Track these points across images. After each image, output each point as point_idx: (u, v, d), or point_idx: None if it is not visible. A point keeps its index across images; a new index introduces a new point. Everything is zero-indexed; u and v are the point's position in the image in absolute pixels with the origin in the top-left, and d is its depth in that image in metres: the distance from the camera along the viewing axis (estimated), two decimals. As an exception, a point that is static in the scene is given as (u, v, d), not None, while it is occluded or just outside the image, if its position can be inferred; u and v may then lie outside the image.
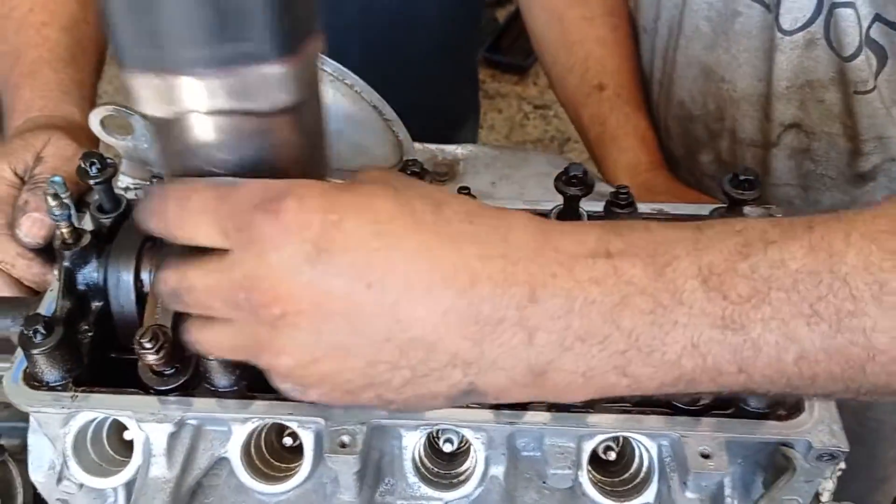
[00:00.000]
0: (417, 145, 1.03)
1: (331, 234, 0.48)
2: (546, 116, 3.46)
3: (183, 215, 0.51)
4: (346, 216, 0.49)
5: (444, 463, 0.74)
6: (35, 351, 0.69)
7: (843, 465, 0.93)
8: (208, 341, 0.55)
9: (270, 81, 0.48)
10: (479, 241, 0.49)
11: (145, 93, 0.49)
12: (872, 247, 0.47)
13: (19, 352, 0.72)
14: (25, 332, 0.68)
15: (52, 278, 0.77)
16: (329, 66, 0.91)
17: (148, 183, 0.84)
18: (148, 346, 0.66)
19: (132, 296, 0.73)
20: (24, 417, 0.85)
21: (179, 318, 0.58)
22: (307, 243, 0.48)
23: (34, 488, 0.95)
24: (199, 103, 0.48)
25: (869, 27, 0.90)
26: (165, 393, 0.70)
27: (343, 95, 0.92)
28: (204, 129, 0.51)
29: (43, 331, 0.68)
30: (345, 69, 0.92)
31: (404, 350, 0.49)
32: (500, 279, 0.48)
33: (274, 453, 0.75)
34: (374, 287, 0.48)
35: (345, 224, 0.49)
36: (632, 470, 0.73)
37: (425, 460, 0.73)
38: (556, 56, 1.25)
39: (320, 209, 0.49)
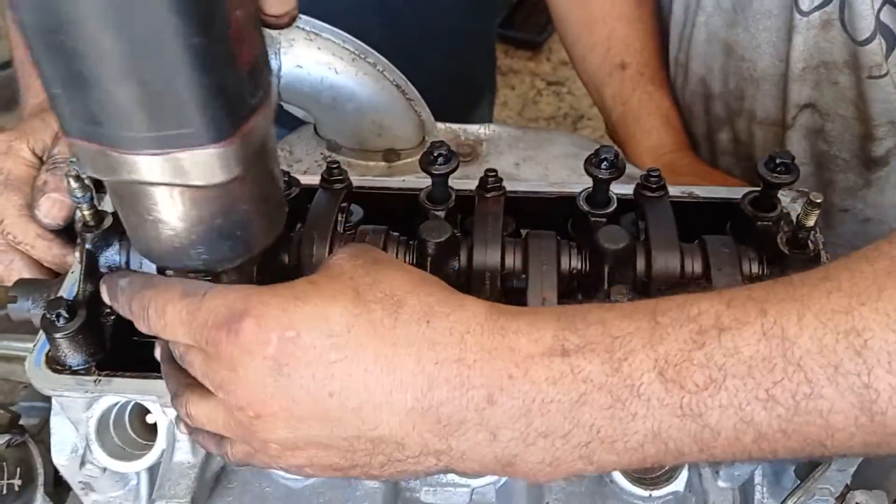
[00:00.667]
0: (440, 125, 1.01)
1: (289, 350, 0.51)
2: (559, 93, 3.43)
3: (162, 324, 0.56)
4: (303, 331, 0.51)
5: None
6: (58, 335, 0.68)
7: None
8: (200, 416, 0.57)
9: (207, 162, 0.50)
10: (435, 344, 0.51)
11: (85, 158, 0.51)
12: (826, 329, 0.48)
13: (41, 335, 0.71)
14: (48, 315, 0.68)
15: (73, 260, 0.76)
16: (351, 45, 0.90)
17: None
18: (172, 330, 0.65)
19: (155, 278, 0.72)
20: (44, 397, 0.84)
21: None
22: (268, 360, 0.51)
23: (55, 469, 0.95)
24: (137, 176, 0.50)
25: (879, 10, 0.89)
26: (189, 377, 0.69)
27: (365, 74, 0.90)
28: (145, 196, 0.54)
29: (66, 314, 0.67)
30: (367, 48, 0.91)
31: (376, 444, 0.53)
32: (456, 383, 0.50)
33: (297, 438, 0.75)
34: (335, 396, 0.51)
35: (302, 339, 0.51)
36: (660, 458, 0.72)
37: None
38: (578, 35, 1.23)
39: (278, 327, 0.52)
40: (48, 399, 0.75)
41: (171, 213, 0.54)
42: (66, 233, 0.83)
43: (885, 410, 0.46)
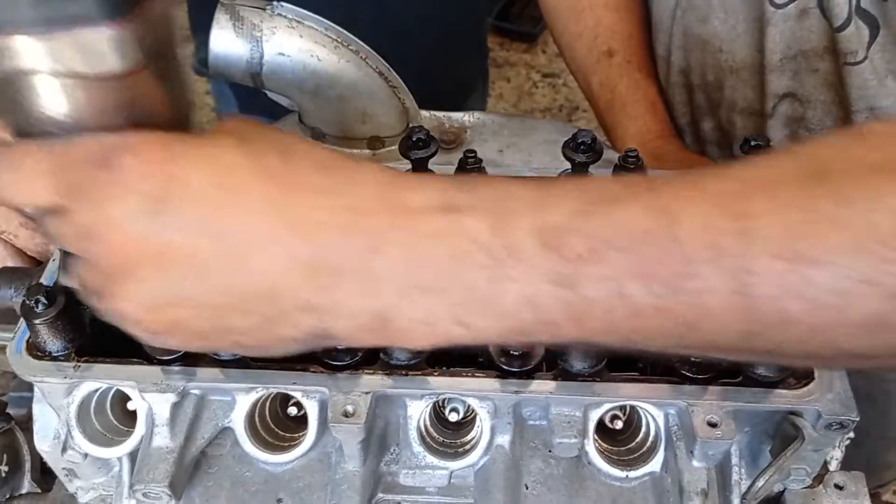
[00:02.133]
0: (424, 113, 1.01)
1: (171, 187, 0.48)
2: (555, 85, 3.43)
3: (18, 179, 0.50)
4: (189, 169, 0.48)
5: (449, 432, 0.74)
6: (37, 321, 0.68)
7: (851, 435, 0.92)
8: (73, 279, 0.54)
9: (100, 45, 0.45)
10: (327, 191, 0.49)
11: None
12: (713, 209, 0.46)
13: (22, 322, 0.72)
14: (27, 301, 0.68)
15: (54, 248, 0.76)
16: (333, 33, 0.90)
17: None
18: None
19: (134, 265, 0.72)
20: (30, 388, 0.85)
21: None
22: (145, 196, 0.48)
23: (41, 457, 0.96)
24: (25, 63, 0.45)
25: None
26: (168, 363, 0.70)
27: (348, 62, 0.90)
28: (36, 90, 0.48)
29: (45, 301, 0.68)
30: (350, 35, 0.91)
31: (253, 298, 0.50)
32: (343, 230, 0.48)
33: (278, 423, 0.75)
34: (221, 239, 0.48)
35: (186, 177, 0.48)
36: (638, 438, 0.73)
37: (431, 430, 0.73)
38: (565, 23, 1.23)
39: (160, 161, 0.48)
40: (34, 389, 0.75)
41: (58, 111, 0.48)
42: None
43: (763, 297, 0.45)
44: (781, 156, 0.50)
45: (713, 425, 0.65)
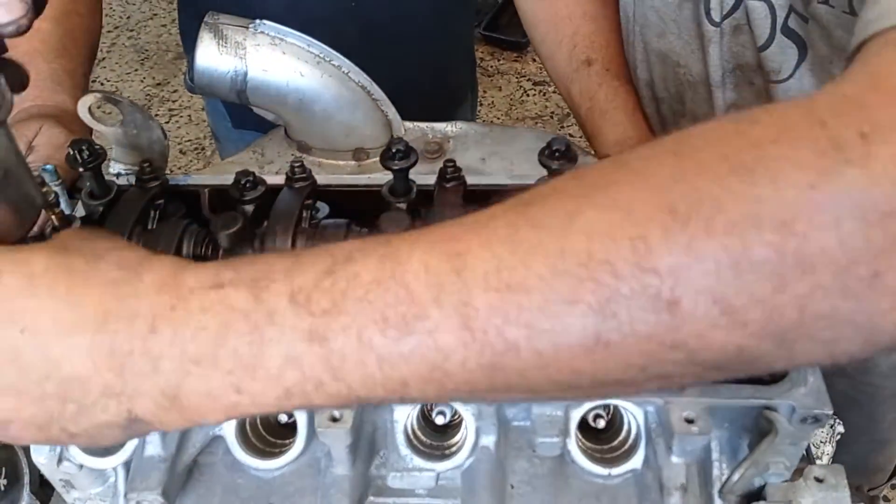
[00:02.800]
0: (408, 124, 1.04)
1: None
2: (545, 92, 3.45)
3: None
4: (3, 270, 0.54)
5: (436, 435, 0.75)
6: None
7: (841, 430, 0.94)
8: None
9: None
10: (119, 284, 0.54)
11: None
12: (434, 251, 0.49)
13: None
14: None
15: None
16: (316, 49, 0.92)
17: (137, 173, 0.85)
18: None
19: (124, 279, 0.74)
20: None
21: None
22: None
23: (39, 470, 0.97)
24: None
25: (787, 17, 0.90)
26: (160, 373, 0.72)
27: (331, 77, 0.92)
28: None
29: None
30: (332, 51, 0.93)
31: (64, 386, 0.54)
32: (128, 316, 0.53)
33: (269, 430, 0.77)
34: (26, 331, 0.53)
35: (1, 278, 0.54)
36: (620, 437, 0.74)
37: (418, 433, 0.75)
38: (545, 33, 1.26)
39: None
40: None
41: None
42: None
43: (486, 329, 0.47)
44: (498, 205, 0.52)
45: (690, 421, 0.67)
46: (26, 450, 0.94)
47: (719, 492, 0.70)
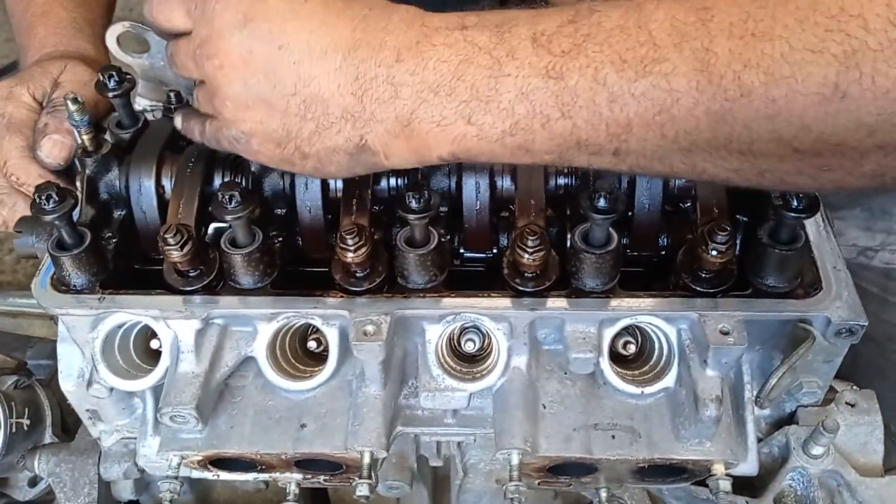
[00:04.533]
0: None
1: (256, 6, 0.62)
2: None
3: (163, 8, 0.66)
4: None
5: (466, 365, 0.75)
6: (62, 255, 0.70)
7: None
8: (189, 119, 0.70)
9: None
10: (371, 19, 0.61)
11: None
12: (681, 5, 0.53)
13: (46, 259, 0.74)
14: (61, 229, 0.69)
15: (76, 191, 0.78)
16: None
17: (164, 104, 0.85)
18: (172, 241, 0.68)
19: (154, 201, 0.75)
20: (51, 354, 0.86)
21: None
22: (239, 13, 0.62)
23: (62, 412, 0.97)
24: None
25: None
26: (190, 293, 0.72)
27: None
28: None
29: (54, 197, 0.67)
30: None
31: (307, 104, 0.61)
32: (376, 45, 0.60)
33: (298, 358, 0.76)
34: (283, 49, 0.61)
35: (268, 2, 0.62)
36: (651, 361, 0.74)
37: (448, 360, 0.74)
38: None
39: None
40: (54, 355, 0.77)
41: None
42: (67, 175, 0.85)
43: (724, 74, 0.51)
44: None
45: (725, 333, 0.67)
46: (49, 393, 0.94)
47: (756, 397, 0.70)
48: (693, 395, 0.68)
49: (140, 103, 0.88)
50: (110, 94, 0.77)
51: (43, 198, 0.66)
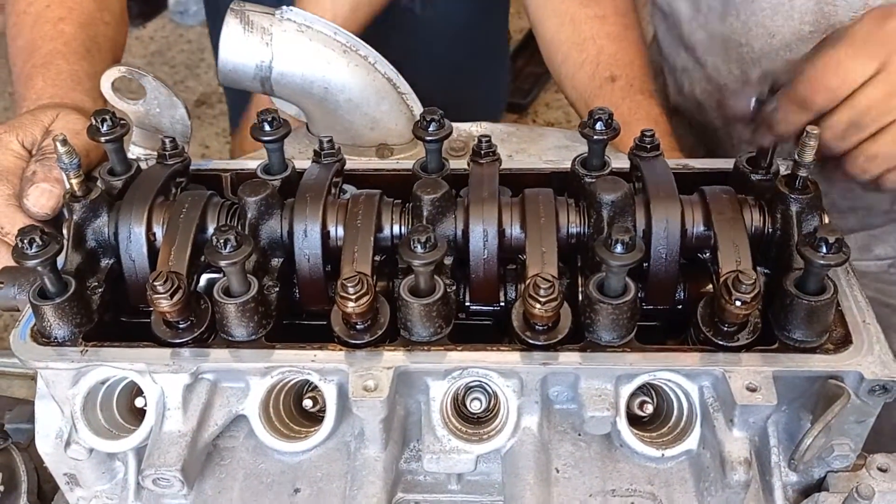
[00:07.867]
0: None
1: None
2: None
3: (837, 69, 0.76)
4: None
5: (472, 426, 0.70)
6: (44, 304, 0.66)
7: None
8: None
9: None
10: None
11: None
12: None
13: (27, 310, 0.69)
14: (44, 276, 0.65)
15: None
16: (342, 37, 0.90)
17: (159, 151, 0.82)
18: (162, 289, 0.63)
19: (144, 248, 0.71)
20: (31, 418, 0.81)
21: None
22: None
23: (38, 477, 0.91)
24: None
25: None
26: (179, 346, 0.67)
27: (357, 66, 0.90)
28: None
29: (39, 241, 0.64)
30: (359, 40, 0.91)
31: None
32: None
33: (292, 418, 0.71)
34: None
35: None
36: (670, 423, 0.70)
37: (454, 420, 0.69)
38: (567, 53, 1.26)
39: None
40: (34, 419, 0.72)
41: None
42: (54, 224, 0.82)
43: None
44: None
45: (753, 390, 0.62)
46: (26, 457, 0.88)
47: (790, 459, 0.65)
48: (719, 457, 0.64)
49: (134, 151, 0.85)
50: (103, 139, 0.74)
51: (25, 241, 0.63)
